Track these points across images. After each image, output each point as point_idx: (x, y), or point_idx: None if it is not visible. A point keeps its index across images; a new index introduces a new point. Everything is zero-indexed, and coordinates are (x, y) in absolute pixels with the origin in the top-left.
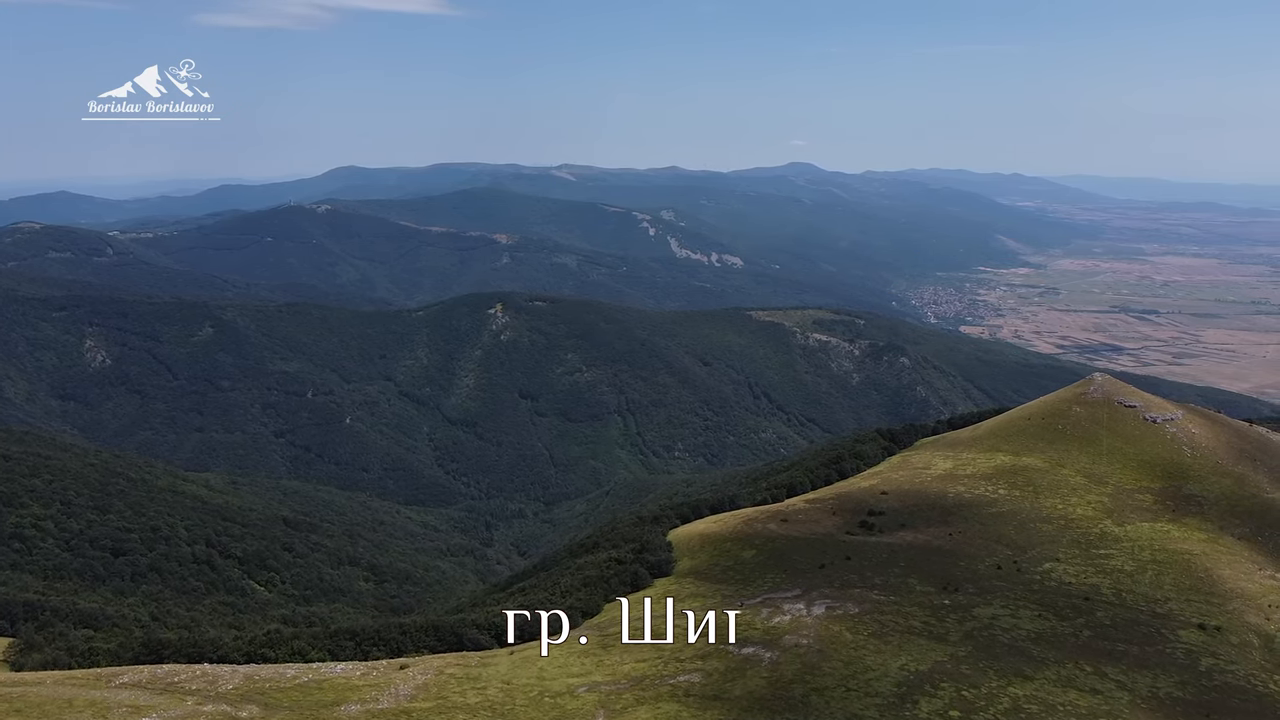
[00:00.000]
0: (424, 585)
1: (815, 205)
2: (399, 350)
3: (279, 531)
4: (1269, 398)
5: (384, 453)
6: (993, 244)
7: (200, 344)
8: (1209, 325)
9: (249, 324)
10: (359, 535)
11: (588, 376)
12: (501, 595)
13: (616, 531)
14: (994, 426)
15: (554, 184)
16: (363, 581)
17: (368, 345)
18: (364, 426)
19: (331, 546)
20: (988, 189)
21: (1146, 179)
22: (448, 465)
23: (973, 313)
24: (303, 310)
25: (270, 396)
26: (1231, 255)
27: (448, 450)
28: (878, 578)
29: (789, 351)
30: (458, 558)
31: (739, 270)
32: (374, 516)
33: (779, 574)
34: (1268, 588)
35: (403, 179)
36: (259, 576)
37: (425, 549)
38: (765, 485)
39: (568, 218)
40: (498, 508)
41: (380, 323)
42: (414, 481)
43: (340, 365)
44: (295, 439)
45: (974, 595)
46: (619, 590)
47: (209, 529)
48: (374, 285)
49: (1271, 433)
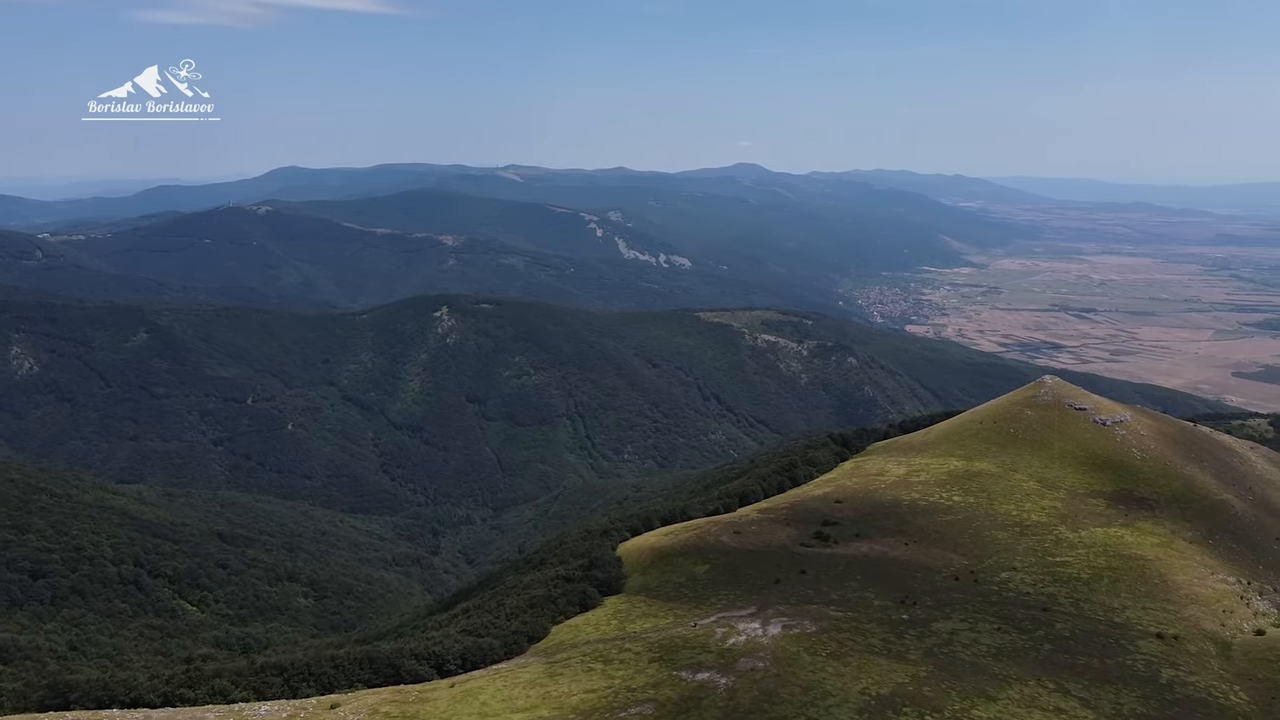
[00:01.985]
0: (366, 600)
1: (762, 206)
2: (343, 354)
3: (213, 547)
4: (1202, 393)
5: (327, 459)
6: (936, 244)
7: (134, 349)
8: (1144, 323)
9: (186, 328)
10: (299, 548)
11: (535, 379)
12: (444, 617)
13: (564, 546)
14: (946, 430)
15: (501, 185)
16: (302, 598)
17: (310, 349)
18: (306, 433)
19: (269, 561)
20: (930, 190)
21: (1083, 180)
22: (394, 471)
23: (918, 312)
24: (242, 314)
25: (208, 403)
26: (1164, 255)
27: (393, 456)
28: (834, 592)
29: (737, 352)
30: (403, 567)
31: (687, 271)
32: (316, 527)
33: (733, 590)
34: (1221, 592)
35: (346, 179)
36: (191, 596)
37: (369, 559)
38: (717, 494)
39: (514, 219)
40: (445, 514)
41: (323, 326)
42: (359, 489)
43: (282, 370)
44: (235, 447)
45: (932, 609)
46: (567, 611)
47: (137, 546)
48: (317, 288)
49: (1215, 433)
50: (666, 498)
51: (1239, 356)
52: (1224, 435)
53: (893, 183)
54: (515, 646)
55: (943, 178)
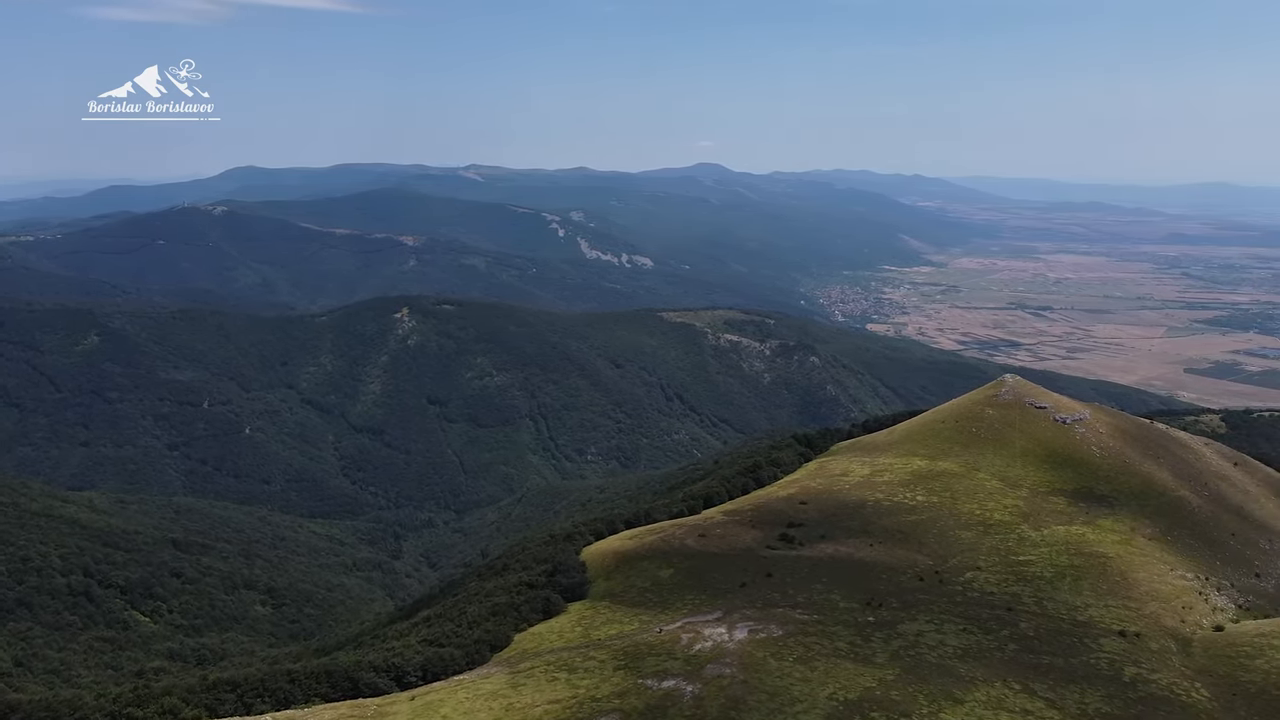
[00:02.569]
0: (326, 607)
1: (724, 205)
2: (301, 357)
3: (167, 555)
4: (1155, 389)
5: (286, 464)
6: (896, 243)
7: (85, 353)
8: (1099, 321)
9: (139, 331)
10: (257, 554)
11: (498, 381)
12: (405, 626)
13: (527, 551)
14: (909, 430)
15: (462, 185)
16: (259, 606)
17: (268, 352)
18: (265, 437)
19: (225, 569)
20: (890, 189)
21: (1039, 180)
22: (354, 475)
23: (879, 311)
24: (197, 316)
25: (163, 408)
26: (1118, 253)
27: (354, 459)
28: (800, 595)
29: (700, 352)
30: (365, 572)
31: (649, 271)
32: (275, 532)
33: (698, 594)
34: (1180, 588)
35: (304, 179)
36: (143, 607)
37: (329, 565)
38: (681, 496)
39: (476, 219)
40: (407, 517)
41: (281, 328)
42: (318, 493)
43: (239, 373)
44: (191, 452)
45: (898, 610)
46: (530, 618)
47: (88, 556)
48: (275, 289)
49: (1171, 429)
50: (630, 499)
51: (1190, 353)
52: (1180, 432)
53: (853, 183)
54: (477, 656)
55: (902, 178)
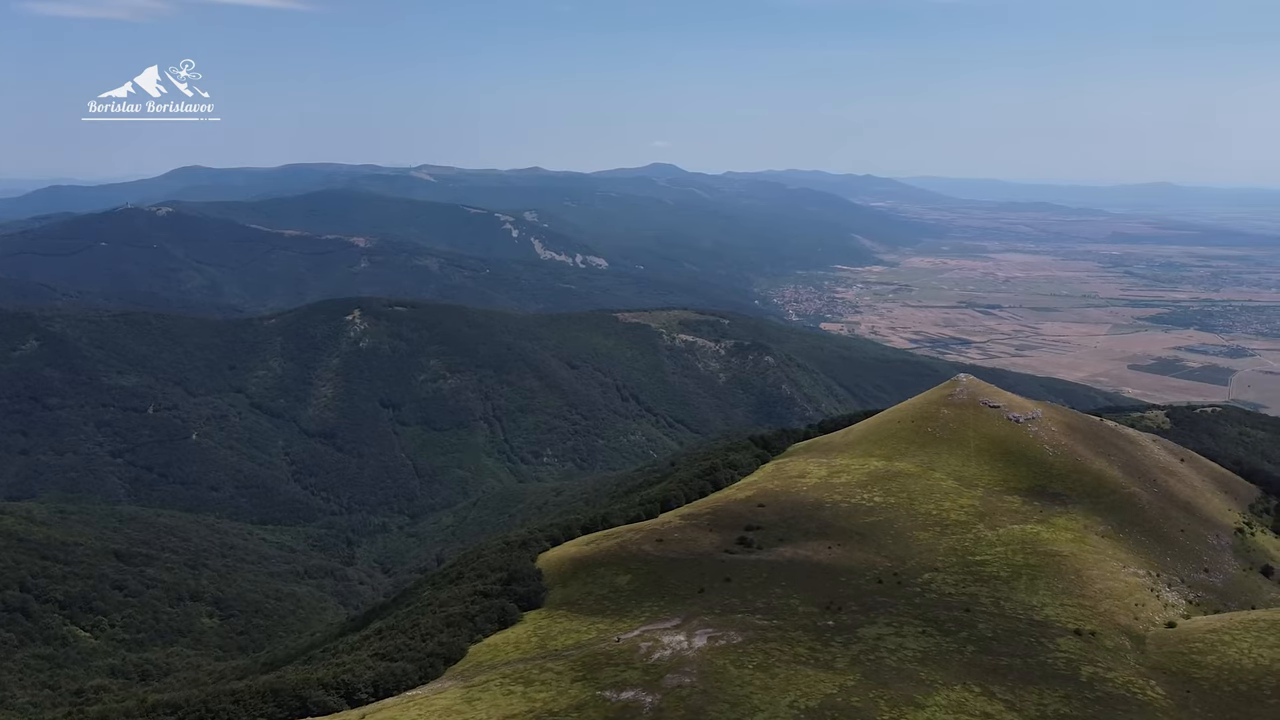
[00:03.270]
0: (275, 617)
1: (678, 205)
2: (250, 360)
3: (109, 568)
4: (1101, 385)
5: (235, 469)
6: (849, 243)
7: (24, 359)
8: (1046, 319)
9: (80, 336)
10: (204, 564)
11: (452, 383)
12: (356, 639)
13: (482, 559)
14: (865, 430)
15: (414, 185)
16: (206, 618)
17: (215, 356)
18: (212, 442)
19: (170, 580)
20: (842, 190)
21: (987, 180)
22: (305, 480)
23: (832, 310)
24: (141, 320)
25: (105, 414)
26: (1064, 252)
27: (305, 464)
28: (759, 600)
29: (656, 353)
30: (316, 580)
31: (604, 271)
32: (223, 541)
33: (657, 601)
34: (1132, 585)
35: (252, 180)
36: (84, 621)
37: (280, 573)
38: (639, 499)
39: (429, 220)
40: (360, 523)
41: (229, 332)
42: (269, 499)
43: (185, 378)
44: (135, 459)
45: (857, 614)
46: (485, 629)
47: (24, 569)
48: (222, 292)
49: (1120, 426)
50: (587, 502)
51: (1134, 350)
52: (1128, 429)
53: (806, 183)
54: (431, 670)
55: (854, 178)
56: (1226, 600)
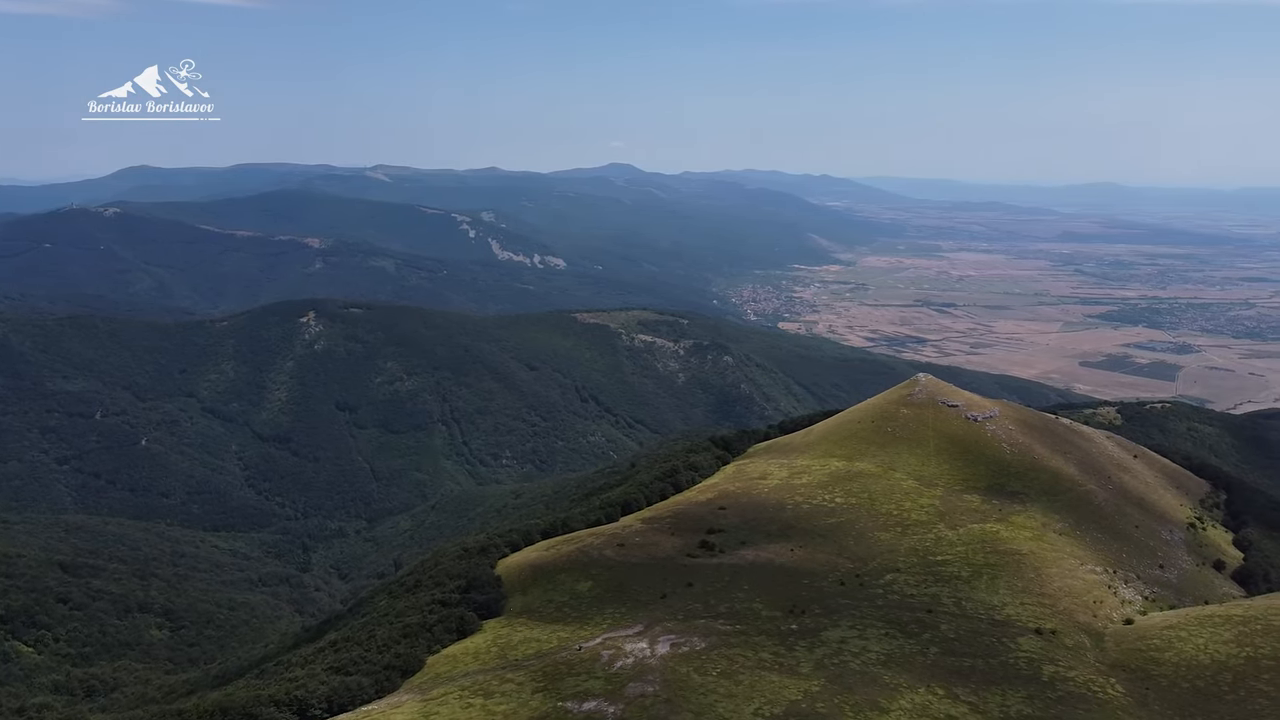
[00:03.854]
0: (228, 628)
1: (635, 205)
2: (202, 364)
3: (53, 580)
4: (1053, 382)
5: (187, 475)
6: (806, 243)
7: None
8: (999, 317)
9: (24, 340)
10: (153, 574)
11: (409, 385)
12: (310, 651)
13: (440, 566)
14: (825, 431)
15: (369, 185)
16: (155, 630)
17: (166, 359)
18: (163, 448)
19: (118, 592)
20: (799, 189)
21: (941, 180)
22: (259, 485)
23: (790, 309)
24: (88, 323)
25: (51, 420)
26: (1016, 251)
27: (259, 469)
28: (722, 605)
29: (615, 353)
30: (271, 587)
31: (562, 271)
32: (174, 549)
33: (619, 608)
34: (1091, 583)
35: (202, 180)
36: (26, 636)
37: (233, 581)
38: (599, 503)
39: (384, 220)
40: (316, 528)
41: (180, 335)
42: (222, 505)
43: (134, 382)
44: (82, 466)
45: (821, 617)
46: (444, 639)
47: None
48: (172, 294)
49: (1074, 424)
50: (547, 505)
51: (1085, 347)
52: (1082, 426)
53: (763, 182)
54: (387, 683)
55: (810, 178)
56: (1181, 595)
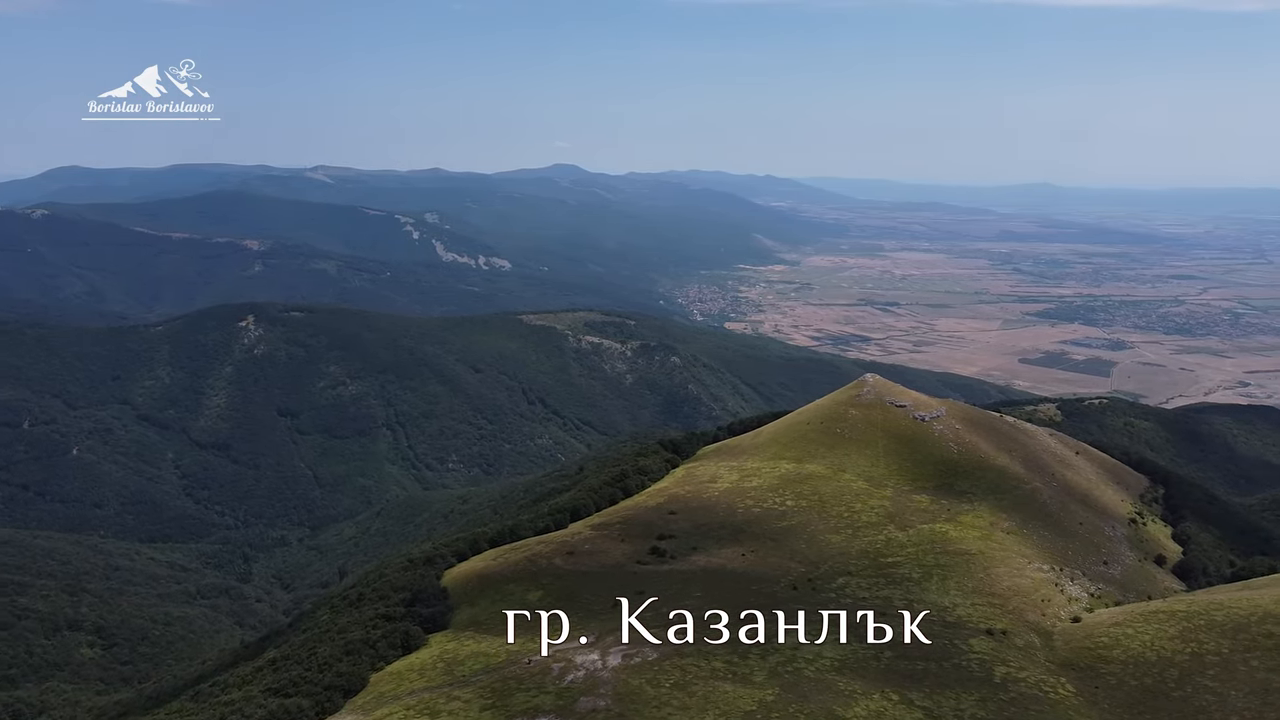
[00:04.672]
0: (164, 644)
1: (581, 206)
2: (136, 370)
3: None
4: (994, 379)
5: (121, 485)
6: (751, 243)
7: None
8: (941, 315)
9: None
10: (84, 589)
11: (352, 389)
12: (248, 670)
13: (385, 578)
14: (775, 433)
15: (309, 186)
16: (86, 649)
17: (98, 366)
18: (95, 457)
19: (46, 610)
20: (744, 190)
21: (882, 180)
22: (198, 494)
23: (736, 309)
24: (14, 329)
25: None
26: (956, 250)
27: (197, 477)
28: (674, 613)
29: (562, 355)
30: (210, 599)
31: (507, 273)
32: (108, 562)
33: (569, 618)
34: (1038, 581)
35: (136, 180)
36: None
37: (170, 594)
38: (547, 509)
39: (325, 222)
40: (257, 537)
41: (113, 340)
42: (158, 515)
43: (64, 390)
44: (9, 477)
45: (773, 622)
46: (388, 655)
47: None
48: (104, 298)
49: (1018, 421)
50: (495, 510)
51: (1023, 344)
52: (1025, 423)
53: (708, 183)
54: (329, 704)
55: (755, 178)
56: (1125, 591)
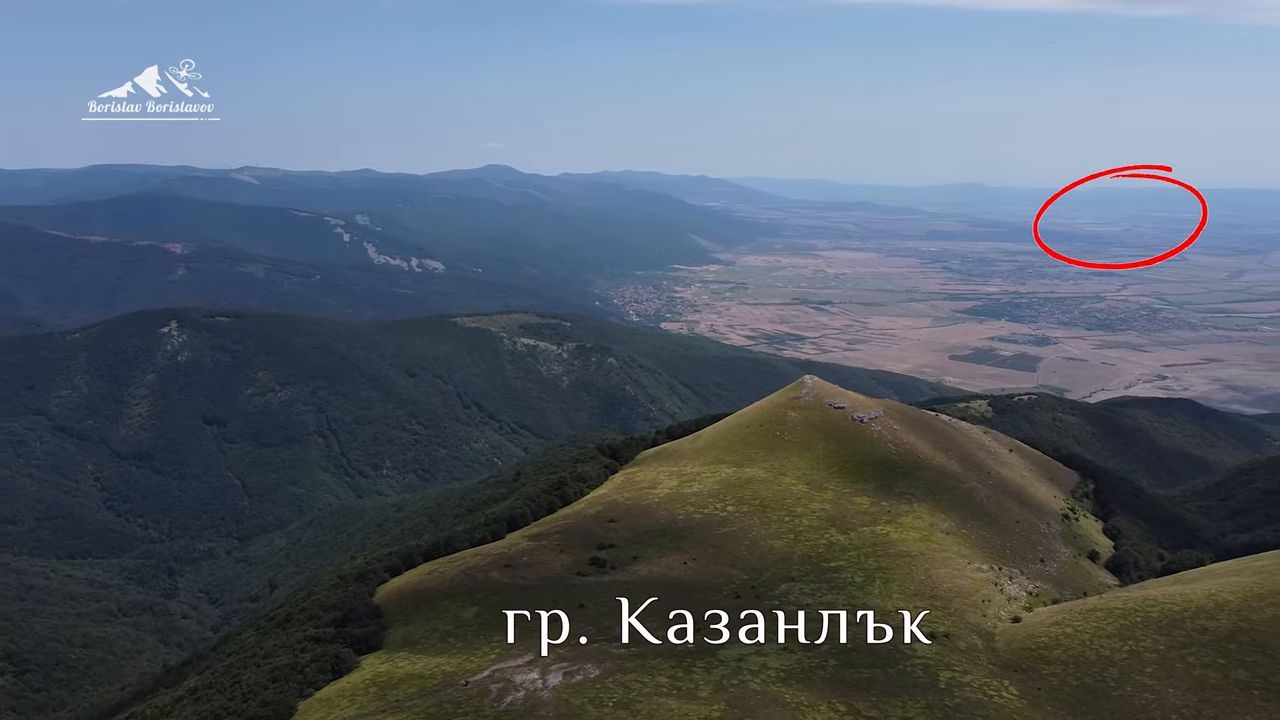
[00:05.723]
0: (81, 668)
1: (515, 207)
2: (52, 378)
3: None
4: (925, 376)
5: (35, 499)
6: (686, 243)
7: None
8: (874, 313)
9: None
10: None
11: (282, 396)
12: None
13: (314, 597)
14: (714, 436)
15: (235, 188)
16: None
17: (9, 375)
18: (8, 470)
19: None
20: (678, 190)
21: (815, 180)
22: (119, 506)
23: (671, 309)
24: None
25: None
26: (887, 249)
27: (118, 489)
28: (616, 626)
29: (497, 357)
30: (132, 617)
31: (441, 275)
32: (20, 581)
33: (507, 635)
34: (978, 581)
35: (51, 181)
36: None
37: (89, 613)
38: (484, 519)
39: (252, 224)
40: (183, 550)
41: (26, 348)
42: (76, 530)
43: None
44: None
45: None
46: (317, 681)
47: None
48: (18, 304)
49: (953, 420)
50: (430, 518)
51: (953, 341)
52: (960, 422)
53: (642, 183)
54: None
55: (689, 178)
56: (1062, 588)
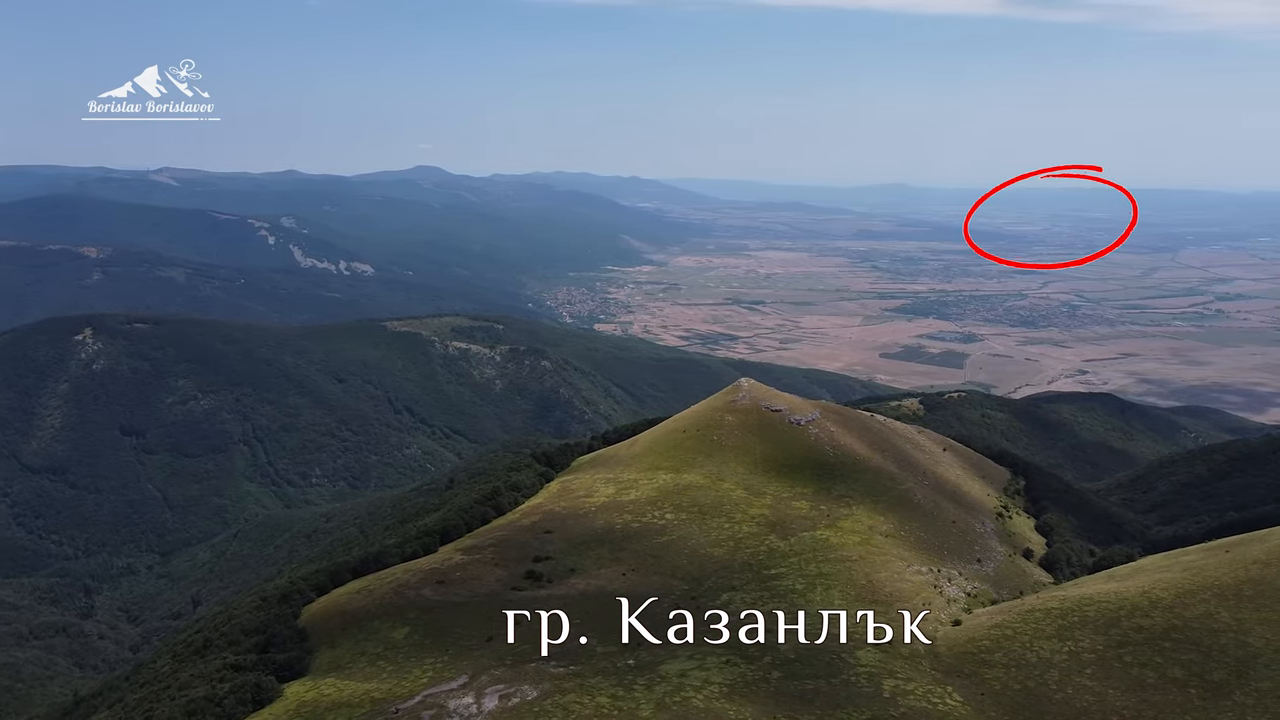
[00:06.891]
0: None
1: (445, 209)
2: None
3: None
4: (857, 374)
5: None
6: (618, 244)
7: None
8: (805, 312)
9: None
10: None
11: (204, 404)
12: None
13: (234, 621)
14: (651, 441)
15: (154, 190)
16: None
17: None
18: None
19: None
20: (609, 191)
21: (746, 181)
22: (30, 523)
23: (605, 311)
24: None
25: None
26: (817, 249)
27: (30, 505)
28: (553, 643)
29: (429, 362)
30: (45, 640)
31: (370, 278)
32: None
33: (440, 656)
34: (918, 584)
35: None
36: None
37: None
38: (415, 531)
39: (172, 227)
40: (100, 566)
41: None
42: None
43: None
44: None
45: (658, 648)
46: (237, 713)
47: None
48: None
49: (889, 421)
50: (361, 529)
51: (883, 339)
52: (896, 422)
53: (573, 184)
54: None
55: (620, 179)
56: (999, 588)
